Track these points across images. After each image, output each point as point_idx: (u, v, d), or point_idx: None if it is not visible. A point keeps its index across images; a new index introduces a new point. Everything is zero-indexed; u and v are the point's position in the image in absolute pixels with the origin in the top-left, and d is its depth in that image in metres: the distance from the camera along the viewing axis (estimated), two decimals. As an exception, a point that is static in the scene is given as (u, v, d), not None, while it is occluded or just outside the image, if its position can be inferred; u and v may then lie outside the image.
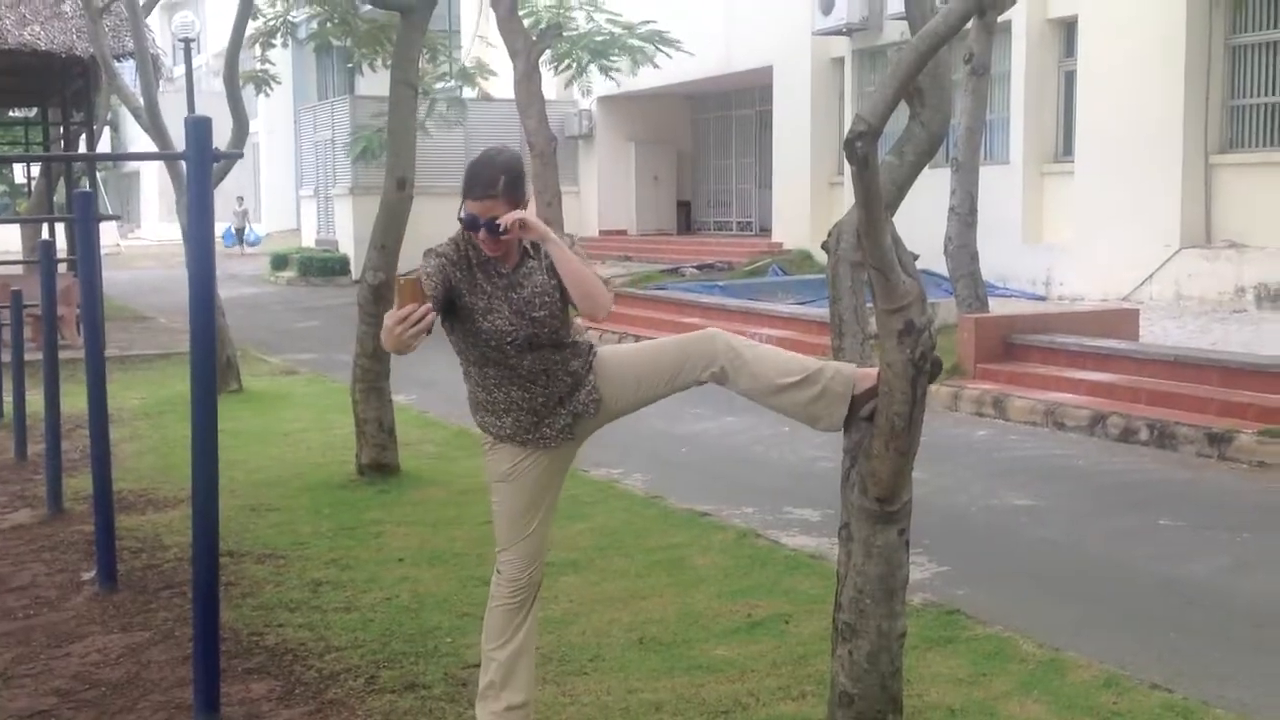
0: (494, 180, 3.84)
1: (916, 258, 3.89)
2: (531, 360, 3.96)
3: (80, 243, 6.23)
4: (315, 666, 4.99)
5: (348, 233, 28.03)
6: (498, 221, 3.80)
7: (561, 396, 4.02)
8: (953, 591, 6.02)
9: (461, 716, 4.43)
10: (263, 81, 21.06)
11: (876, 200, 3.59)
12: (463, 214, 3.88)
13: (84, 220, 6.15)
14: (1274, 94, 15.48)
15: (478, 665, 4.78)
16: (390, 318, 3.51)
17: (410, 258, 8.72)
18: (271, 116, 42.01)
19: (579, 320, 4.12)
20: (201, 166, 4.39)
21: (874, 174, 3.53)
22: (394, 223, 8.18)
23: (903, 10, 15.34)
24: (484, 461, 4.19)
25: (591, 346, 4.12)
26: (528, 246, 3.98)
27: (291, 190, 40.40)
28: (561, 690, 4.69)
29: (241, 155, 6.16)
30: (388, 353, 8.24)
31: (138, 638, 5.41)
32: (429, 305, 3.55)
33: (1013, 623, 5.43)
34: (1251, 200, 15.52)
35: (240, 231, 42.12)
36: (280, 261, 29.92)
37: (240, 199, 41.52)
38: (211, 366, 4.50)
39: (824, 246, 4.16)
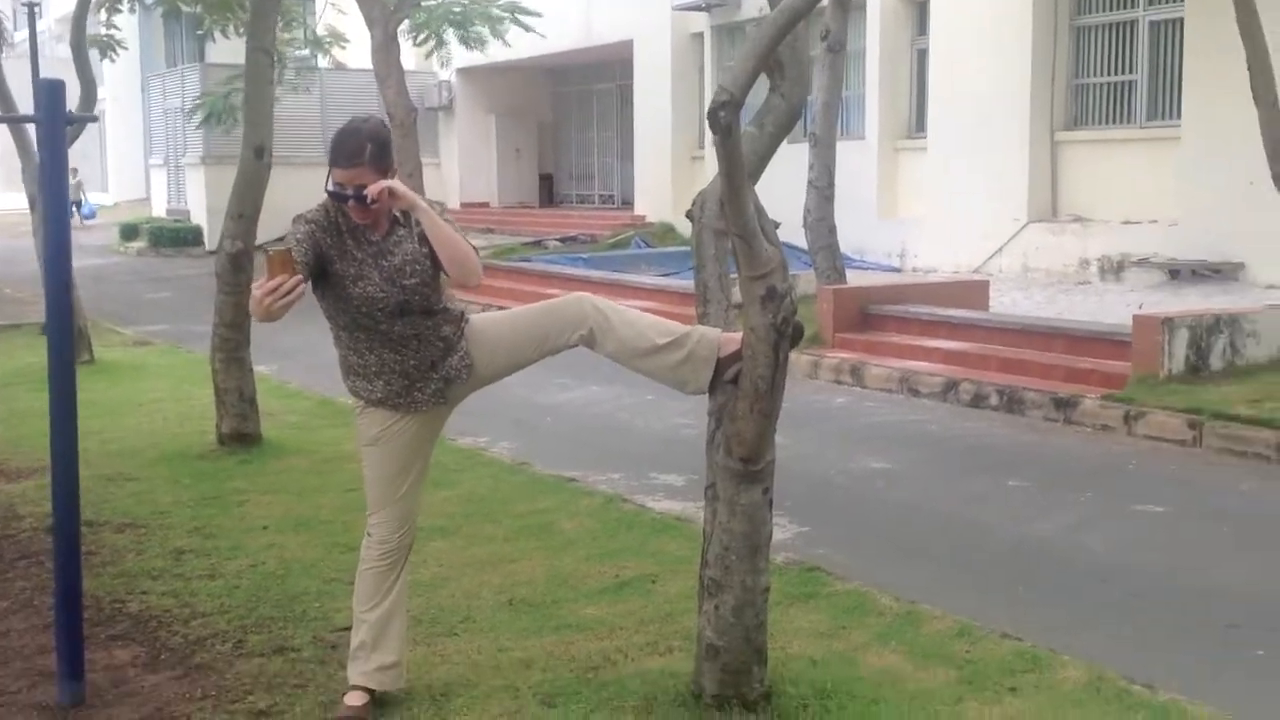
0: (360, 149, 3.86)
1: (778, 226, 4.01)
2: (403, 325, 4.00)
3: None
4: (181, 633, 4.96)
5: (200, 202, 27.43)
6: (365, 191, 3.82)
7: (433, 361, 4.06)
8: (813, 550, 6.20)
9: (332, 678, 4.45)
10: (108, 46, 20.44)
11: (739, 169, 3.69)
12: (330, 185, 3.89)
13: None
14: (1116, 73, 16.06)
15: (347, 629, 4.81)
16: (259, 289, 3.52)
17: (267, 227, 8.66)
18: (117, 84, 40.72)
19: (450, 290, 4.17)
20: (55, 130, 4.30)
21: (736, 143, 3.63)
22: (252, 191, 8.08)
23: (762, -14, 15.15)
24: (355, 425, 4.21)
25: (463, 313, 4.17)
26: (398, 215, 4.00)
27: (140, 159, 39.31)
28: (432, 650, 4.73)
29: (96, 119, 6.03)
30: (247, 322, 8.22)
31: (-4, 608, 5.30)
32: (299, 277, 3.58)
33: (871, 579, 5.61)
34: (1095, 176, 16.10)
35: (77, 205, 39.73)
36: (130, 231, 29.14)
37: (74, 170, 39.63)
38: (69, 334, 4.44)
39: (688, 215, 4.27)
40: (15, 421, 9.28)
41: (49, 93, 4.12)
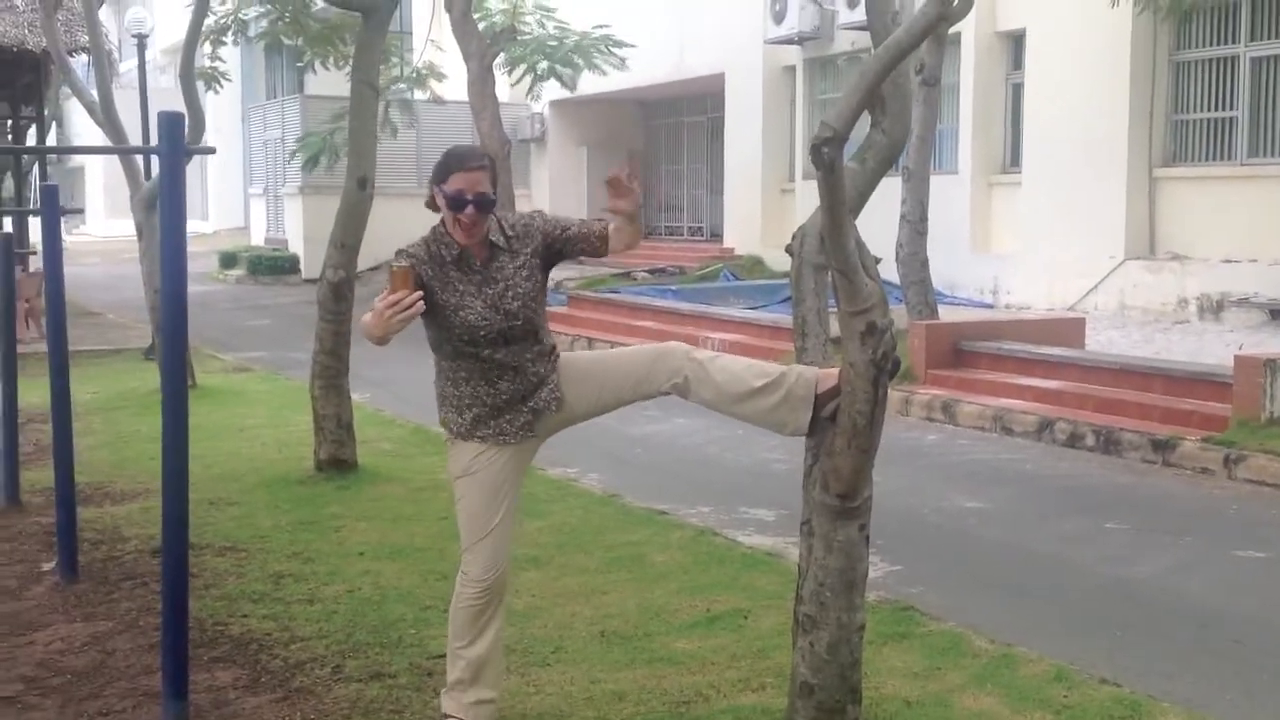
0: (482, 155, 4.07)
1: (879, 261, 4.01)
2: (504, 354, 4.05)
3: (46, 236, 6.24)
4: (281, 656, 5.05)
5: (297, 232, 27.92)
6: (617, 176, 4.01)
7: (524, 394, 4.11)
8: (906, 589, 6.16)
9: (428, 705, 4.50)
10: (212, 78, 20.96)
11: (841, 204, 3.71)
12: (446, 190, 3.97)
13: (50, 214, 6.17)
14: (1216, 109, 15.82)
15: (442, 656, 4.87)
16: (382, 301, 3.62)
17: (364, 256, 8.80)
18: (219, 114, 41.58)
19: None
20: (175, 162, 4.43)
21: (839, 178, 3.65)
22: (354, 221, 8.23)
23: (854, 21, 15.58)
24: (447, 458, 4.27)
25: (555, 347, 4.22)
26: (495, 240, 4.08)
27: (239, 188, 40.13)
28: (526, 680, 4.77)
29: (213, 150, 6.21)
30: (347, 349, 8.36)
31: (101, 627, 5.44)
32: (420, 294, 3.69)
33: (965, 619, 5.57)
34: (1194, 213, 15.85)
35: None
36: (229, 260, 29.74)
37: None
38: (183, 361, 4.56)
39: (788, 249, 4.28)
40: (120, 445, 9.51)
41: (169, 125, 4.24)
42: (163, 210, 4.33)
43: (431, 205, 4.14)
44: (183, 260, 4.48)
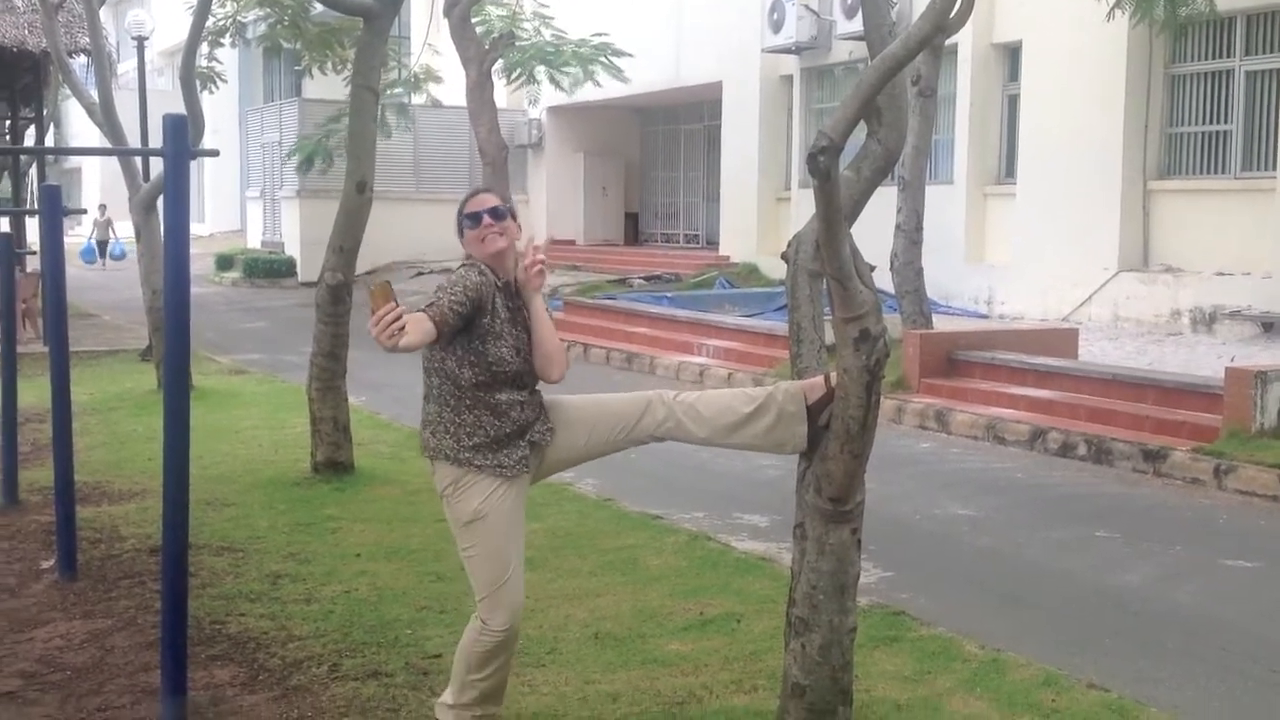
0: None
1: (873, 269, 4.07)
2: (510, 394, 4.05)
3: (47, 236, 6.28)
4: (278, 654, 5.10)
5: (294, 235, 27.96)
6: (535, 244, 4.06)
7: (523, 428, 4.10)
8: (897, 594, 6.22)
9: (424, 704, 4.55)
10: (209, 79, 21.00)
11: (836, 213, 3.77)
12: (492, 204, 4.09)
13: (52, 214, 6.21)
14: (1210, 123, 15.91)
15: (438, 656, 4.94)
16: (371, 325, 3.60)
17: (365, 260, 8.86)
18: (216, 117, 41.32)
19: None
20: (179, 164, 4.48)
21: (835, 187, 3.71)
22: (353, 225, 8.28)
23: (851, 31, 15.66)
24: (449, 510, 4.12)
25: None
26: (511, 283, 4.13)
27: (236, 192, 40.18)
28: (521, 681, 4.82)
29: (217, 153, 6.24)
30: (345, 352, 8.42)
31: (100, 624, 5.48)
32: (403, 307, 3.66)
33: (955, 625, 5.62)
34: (1188, 226, 15.94)
35: (103, 244, 35.16)
36: (225, 262, 29.78)
37: (103, 207, 35.11)
38: (185, 361, 4.64)
39: (783, 256, 4.34)
40: (117, 445, 9.56)
41: (174, 127, 4.29)
42: (167, 212, 4.39)
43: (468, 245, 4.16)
44: (186, 261, 4.53)
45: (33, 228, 18.33)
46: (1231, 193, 15.53)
